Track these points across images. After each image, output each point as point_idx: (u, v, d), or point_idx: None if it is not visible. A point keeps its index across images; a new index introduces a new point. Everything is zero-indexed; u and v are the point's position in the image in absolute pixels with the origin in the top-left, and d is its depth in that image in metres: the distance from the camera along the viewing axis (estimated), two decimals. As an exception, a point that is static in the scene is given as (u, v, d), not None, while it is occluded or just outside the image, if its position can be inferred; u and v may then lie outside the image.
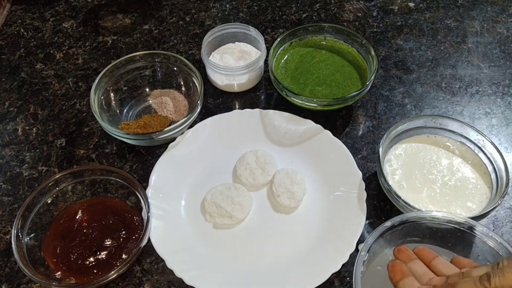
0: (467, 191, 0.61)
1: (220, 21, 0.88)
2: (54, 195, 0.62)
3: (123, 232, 0.59)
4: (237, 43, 0.78)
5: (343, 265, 0.57)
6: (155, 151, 0.69)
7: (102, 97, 0.70)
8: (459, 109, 0.75)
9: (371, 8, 0.90)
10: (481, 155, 0.63)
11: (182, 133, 0.68)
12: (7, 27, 0.87)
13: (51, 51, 0.83)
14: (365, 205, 0.61)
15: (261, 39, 0.74)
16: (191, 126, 0.69)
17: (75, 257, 0.57)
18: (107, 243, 0.58)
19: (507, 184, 0.57)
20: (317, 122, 0.69)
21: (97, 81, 0.69)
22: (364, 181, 0.63)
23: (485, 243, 0.50)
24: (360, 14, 0.89)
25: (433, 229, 0.52)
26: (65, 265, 0.56)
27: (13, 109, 0.75)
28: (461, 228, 0.51)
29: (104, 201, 0.63)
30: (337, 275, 0.58)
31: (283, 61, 0.75)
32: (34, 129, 0.73)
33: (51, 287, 0.54)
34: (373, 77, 0.68)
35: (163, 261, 0.57)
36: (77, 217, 0.60)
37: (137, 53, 0.72)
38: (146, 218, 0.58)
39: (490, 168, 0.62)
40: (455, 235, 0.52)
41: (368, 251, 0.49)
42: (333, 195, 0.64)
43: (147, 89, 0.75)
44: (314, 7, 0.90)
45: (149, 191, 0.63)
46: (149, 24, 0.87)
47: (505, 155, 0.61)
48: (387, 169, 0.63)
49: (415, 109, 0.75)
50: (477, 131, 0.62)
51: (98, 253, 0.57)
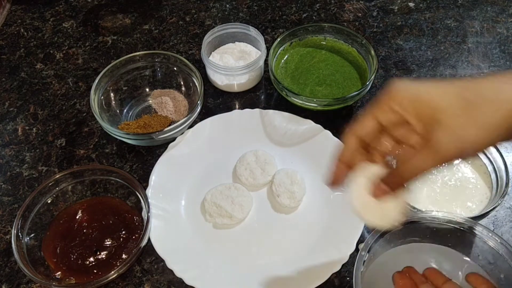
0: (467, 191, 0.61)
1: (220, 21, 0.88)
2: (54, 195, 0.62)
3: (123, 232, 0.59)
4: (237, 43, 0.78)
5: (343, 265, 0.57)
6: (155, 151, 0.69)
7: (102, 97, 0.70)
8: (459, 109, 0.75)
9: (371, 8, 0.90)
10: (481, 155, 0.63)
11: (182, 133, 0.68)
12: (7, 27, 0.87)
13: (51, 51, 0.83)
14: (365, 205, 0.61)
15: (261, 39, 0.74)
16: (191, 126, 0.69)
17: (75, 257, 0.57)
18: (107, 243, 0.58)
19: (507, 184, 0.57)
20: (317, 122, 0.69)
21: (97, 81, 0.69)
22: (364, 181, 0.63)
23: (485, 243, 0.50)
24: (360, 14, 0.89)
25: (433, 229, 0.52)
26: (65, 265, 0.56)
27: (13, 109, 0.75)
28: (461, 228, 0.51)
29: (104, 201, 0.63)
30: (337, 275, 0.58)
31: (283, 61, 0.75)
32: (34, 129, 0.73)
33: (51, 287, 0.54)
34: (373, 77, 0.68)
35: (163, 261, 0.57)
36: (77, 217, 0.60)
37: (137, 53, 0.72)
38: (146, 218, 0.58)
39: (490, 168, 0.62)
40: (455, 235, 0.52)
41: (368, 251, 0.49)
42: (333, 195, 0.64)
43: (147, 89, 0.75)
44: (314, 7, 0.90)
45: (149, 191, 0.62)
46: (149, 24, 0.87)
47: (505, 155, 0.61)
48: (387, 169, 0.63)
49: (415, 109, 0.75)
50: (477, 131, 0.62)
51: (98, 253, 0.57)
